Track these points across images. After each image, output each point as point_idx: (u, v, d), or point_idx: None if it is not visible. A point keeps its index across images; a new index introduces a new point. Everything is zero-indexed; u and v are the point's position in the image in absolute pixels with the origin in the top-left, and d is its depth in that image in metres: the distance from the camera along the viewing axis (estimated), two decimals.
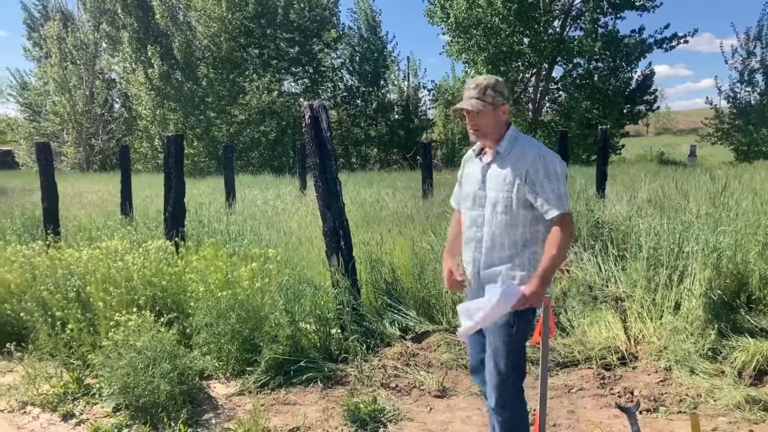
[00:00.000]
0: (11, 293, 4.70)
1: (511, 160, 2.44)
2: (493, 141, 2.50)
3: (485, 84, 2.46)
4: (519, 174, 2.41)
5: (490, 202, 2.48)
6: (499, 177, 2.46)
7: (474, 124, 2.48)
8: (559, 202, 2.39)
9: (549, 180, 2.38)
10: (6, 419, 3.70)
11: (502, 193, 2.44)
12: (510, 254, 2.49)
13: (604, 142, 9.41)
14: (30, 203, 10.32)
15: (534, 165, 2.39)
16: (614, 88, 25.62)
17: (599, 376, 3.98)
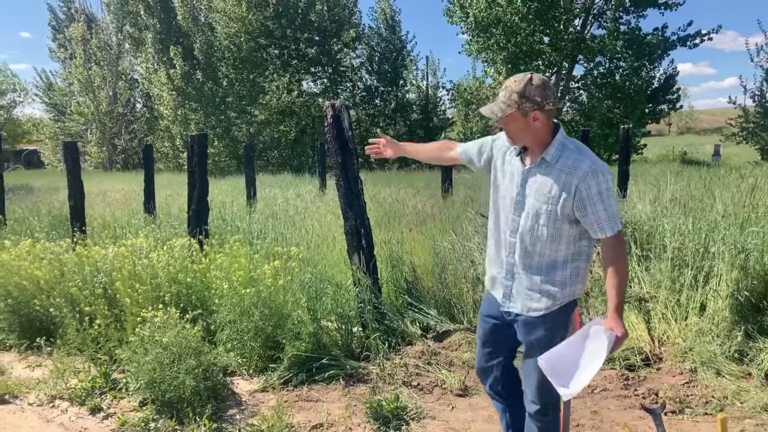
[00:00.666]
0: (40, 289, 4.80)
1: (559, 171, 2.23)
2: (537, 147, 2.29)
3: (511, 87, 2.24)
4: (567, 188, 2.20)
5: (530, 211, 2.30)
6: (544, 187, 2.26)
7: (505, 128, 2.32)
8: (613, 222, 2.22)
9: (601, 198, 2.19)
10: (35, 412, 3.78)
11: (546, 205, 2.25)
12: (549, 268, 2.33)
13: (626, 142, 9.32)
14: (56, 201, 10.52)
15: (586, 181, 2.18)
16: (636, 87, 25.28)
17: (623, 377, 3.95)
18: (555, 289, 2.34)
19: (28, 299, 4.81)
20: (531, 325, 2.42)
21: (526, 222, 2.32)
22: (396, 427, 3.39)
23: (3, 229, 7.37)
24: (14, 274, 4.90)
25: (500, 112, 2.25)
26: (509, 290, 2.44)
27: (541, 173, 2.28)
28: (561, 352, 2.29)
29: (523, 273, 2.38)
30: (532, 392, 2.49)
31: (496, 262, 2.51)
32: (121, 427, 3.47)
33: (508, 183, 2.40)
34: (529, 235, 2.32)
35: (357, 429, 3.42)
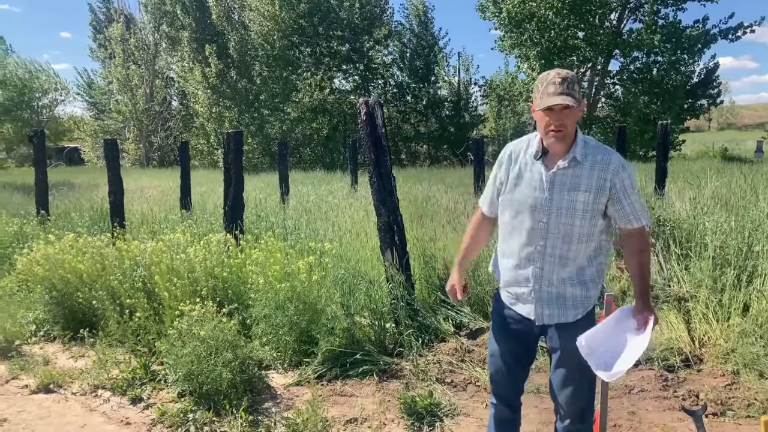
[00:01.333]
0: (83, 282, 4.94)
1: (590, 166, 2.24)
2: (568, 144, 2.26)
3: (572, 78, 2.19)
4: (603, 182, 2.23)
5: (563, 210, 2.26)
6: (577, 184, 2.24)
7: (561, 125, 2.20)
8: (645, 212, 2.30)
9: (634, 189, 2.26)
10: (79, 401, 3.90)
11: (582, 201, 2.23)
12: (580, 266, 2.31)
13: (664, 138, 9.10)
14: (96, 197, 10.81)
15: (619, 175, 2.23)
16: (674, 82, 24.66)
17: (661, 377, 3.87)
18: (586, 291, 2.33)
19: (72, 292, 4.96)
20: (566, 331, 2.34)
21: (558, 222, 2.27)
22: (430, 424, 3.39)
23: (47, 224, 7.62)
24: (58, 267, 5.06)
25: (574, 101, 2.16)
26: (540, 302, 2.36)
27: (572, 171, 2.26)
28: (599, 335, 2.27)
29: (554, 280, 2.32)
30: (569, 401, 2.41)
31: (518, 277, 2.40)
32: (161, 418, 3.56)
33: (531, 189, 2.31)
34: (561, 236, 2.27)
35: (391, 424, 3.43)
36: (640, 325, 2.29)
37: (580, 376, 2.37)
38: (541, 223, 2.28)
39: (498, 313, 2.53)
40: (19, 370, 4.36)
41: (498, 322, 2.53)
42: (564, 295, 2.33)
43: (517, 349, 2.52)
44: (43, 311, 5.13)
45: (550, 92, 2.18)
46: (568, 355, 2.36)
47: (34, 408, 3.80)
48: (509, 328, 2.48)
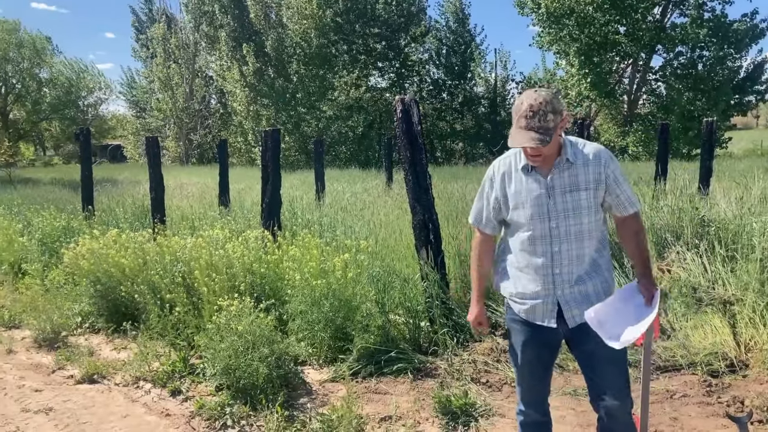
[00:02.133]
0: (125, 276, 5.09)
1: (583, 164, 2.30)
2: (555, 153, 2.30)
3: (544, 109, 2.14)
4: (599, 174, 2.31)
5: (568, 212, 2.30)
6: (576, 183, 2.30)
7: (536, 154, 2.24)
8: (636, 198, 2.41)
9: (624, 178, 2.37)
10: (122, 392, 4.02)
11: (584, 198, 2.30)
12: (592, 260, 2.35)
13: (709, 136, 8.82)
14: (138, 193, 11.11)
15: (609, 165, 2.32)
16: (721, 78, 23.87)
17: (705, 383, 3.75)
18: (603, 279, 2.39)
19: (115, 285, 5.11)
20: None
21: (569, 226, 2.31)
22: (464, 423, 3.37)
23: (92, 219, 7.86)
24: (102, 261, 5.22)
25: (548, 138, 2.16)
26: (567, 304, 2.34)
27: (568, 173, 2.31)
28: (607, 308, 2.32)
29: (573, 280, 2.34)
30: (616, 393, 2.37)
31: (537, 287, 2.37)
32: (199, 410, 3.63)
33: (531, 198, 2.32)
34: (574, 237, 2.32)
35: (425, 423, 3.43)
36: (647, 301, 2.36)
37: (621, 368, 2.40)
38: (553, 230, 2.32)
39: (518, 323, 2.48)
40: (65, 361, 4.52)
41: (520, 332, 2.48)
42: (586, 291, 2.35)
43: (546, 355, 2.50)
44: (88, 304, 5.30)
45: (521, 126, 2.18)
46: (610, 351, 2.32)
47: (79, 397, 3.93)
48: (534, 336, 2.44)
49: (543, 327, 2.39)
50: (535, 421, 2.60)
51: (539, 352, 2.48)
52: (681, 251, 5.18)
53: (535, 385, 2.55)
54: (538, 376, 2.53)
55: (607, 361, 2.36)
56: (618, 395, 2.38)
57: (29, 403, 3.86)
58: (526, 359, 2.49)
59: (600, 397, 2.42)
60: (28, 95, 35.51)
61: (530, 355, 2.48)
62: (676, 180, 7.81)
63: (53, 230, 7.24)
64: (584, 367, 2.46)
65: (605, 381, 2.39)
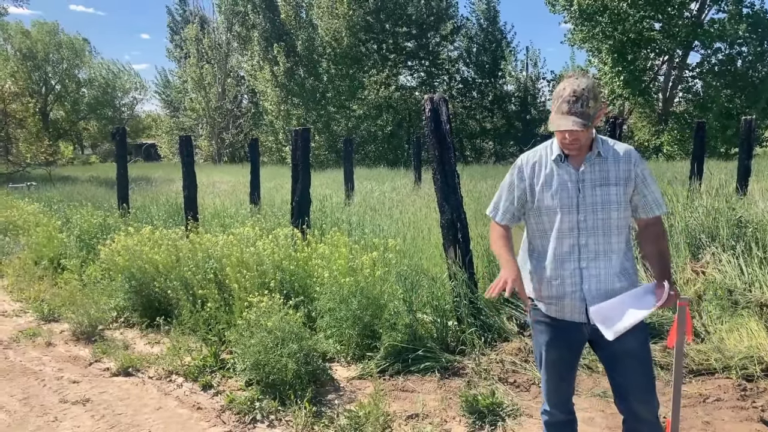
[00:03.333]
0: (159, 272, 5.21)
1: (614, 160, 2.30)
2: (587, 146, 2.30)
3: (586, 94, 2.17)
4: (627, 174, 2.30)
5: (597, 205, 2.28)
6: (607, 178, 2.29)
7: (574, 140, 2.23)
8: (663, 201, 2.38)
9: (653, 179, 2.36)
10: (155, 385, 4.12)
11: (614, 194, 2.28)
12: (620, 259, 2.32)
13: (748, 134, 8.58)
14: (171, 191, 11.34)
15: (639, 165, 2.31)
16: (761, 75, 23.17)
17: (739, 387, 3.67)
18: (630, 283, 2.34)
19: (149, 281, 5.24)
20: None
21: (596, 220, 2.29)
22: (491, 423, 3.37)
23: (128, 216, 8.06)
24: (137, 258, 5.35)
25: (589, 123, 2.17)
26: (592, 300, 2.30)
27: (599, 167, 2.30)
28: (613, 305, 2.28)
29: (602, 276, 2.32)
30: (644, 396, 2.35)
31: (559, 283, 2.35)
32: (230, 405, 3.70)
33: (560, 192, 2.31)
34: (602, 231, 2.30)
35: (452, 422, 3.43)
36: (659, 298, 2.27)
37: (648, 370, 2.35)
38: (581, 222, 2.31)
39: (542, 324, 2.46)
40: (102, 354, 4.65)
41: (544, 332, 2.46)
42: (613, 289, 2.31)
43: (569, 356, 2.48)
44: (124, 299, 5.44)
45: (564, 111, 2.18)
46: (631, 351, 2.33)
47: (114, 389, 4.05)
48: (558, 337, 2.42)
49: (569, 325, 2.37)
50: (559, 421, 2.59)
51: (562, 353, 2.46)
52: (716, 252, 5.07)
53: (560, 385, 2.53)
54: (563, 376, 2.51)
55: (631, 361, 2.34)
56: (642, 396, 2.35)
57: (67, 394, 3.99)
58: (550, 359, 2.47)
59: (624, 398, 2.39)
60: (68, 95, 36.56)
61: (554, 355, 2.47)
62: (712, 180, 7.63)
63: (90, 227, 7.44)
64: (608, 368, 2.44)
65: (629, 381, 2.36)
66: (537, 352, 2.55)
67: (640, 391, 2.35)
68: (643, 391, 2.35)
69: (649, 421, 2.39)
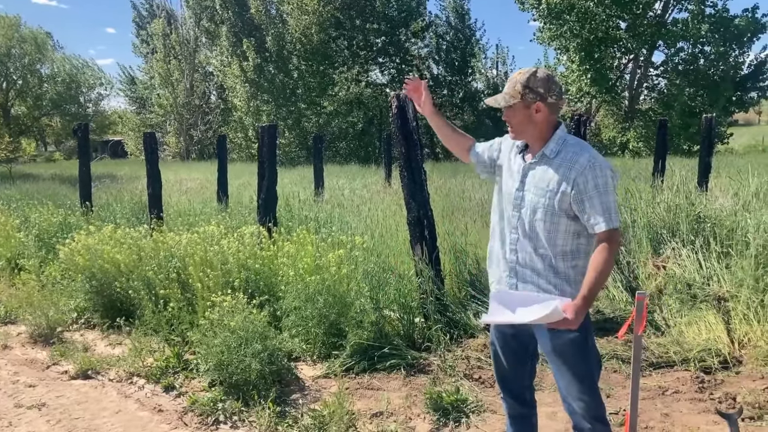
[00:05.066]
0: (120, 272, 5.09)
1: (558, 165, 2.22)
2: (536, 141, 2.30)
3: (516, 78, 2.25)
4: (565, 181, 2.18)
5: (528, 206, 2.28)
6: (542, 181, 2.24)
7: (507, 120, 2.31)
8: (609, 217, 2.15)
9: (598, 192, 2.15)
10: (115, 388, 4.03)
11: (543, 199, 2.23)
12: (552, 264, 2.26)
13: (709, 132, 8.81)
14: (137, 189, 11.10)
15: (584, 174, 2.15)
16: (722, 74, 23.79)
17: (697, 379, 3.75)
18: (560, 291, 2.25)
19: (110, 281, 5.11)
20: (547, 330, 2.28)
21: (526, 217, 2.29)
22: (456, 419, 3.38)
23: (90, 215, 7.86)
24: (98, 257, 5.22)
25: (504, 102, 2.27)
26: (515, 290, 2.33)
27: (541, 167, 2.28)
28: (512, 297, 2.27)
29: (527, 275, 2.31)
30: (580, 402, 2.33)
31: (500, 262, 2.41)
32: (192, 406, 3.64)
33: (510, 180, 2.38)
34: (529, 230, 2.29)
35: (417, 419, 3.43)
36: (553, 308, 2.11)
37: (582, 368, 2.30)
38: (515, 213, 2.33)
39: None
40: (60, 356, 4.52)
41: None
42: (538, 287, 2.29)
43: (515, 345, 2.49)
44: (84, 299, 5.30)
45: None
46: (560, 355, 2.31)
47: (72, 393, 3.94)
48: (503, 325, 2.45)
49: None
50: (517, 414, 2.62)
51: (511, 342, 2.49)
52: (677, 247, 5.18)
53: (507, 376, 2.56)
54: (510, 366, 2.53)
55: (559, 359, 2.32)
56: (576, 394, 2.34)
57: (23, 398, 3.87)
58: (498, 348, 2.52)
59: (562, 395, 2.41)
60: (30, 91, 35.48)
61: (501, 344, 2.51)
62: (674, 176, 7.79)
63: (50, 226, 7.24)
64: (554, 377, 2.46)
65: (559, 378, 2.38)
66: (491, 338, 2.60)
67: (573, 389, 2.33)
68: (574, 389, 2.33)
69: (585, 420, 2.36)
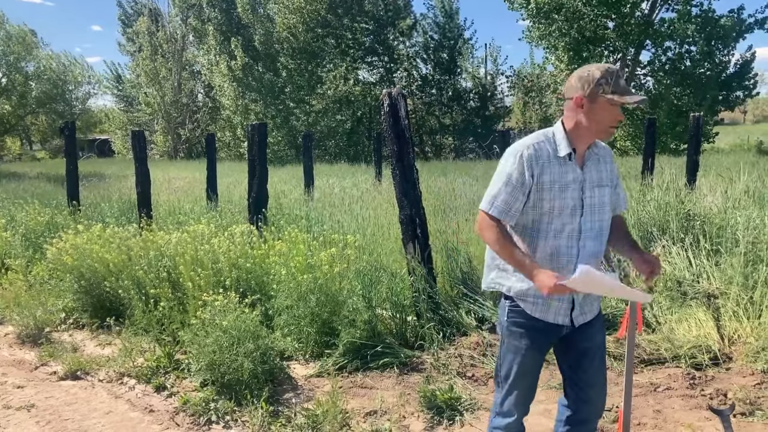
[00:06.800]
0: (110, 272, 5.03)
1: (604, 160, 2.30)
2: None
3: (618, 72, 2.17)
4: (613, 174, 2.33)
5: (595, 207, 2.24)
6: (600, 179, 2.26)
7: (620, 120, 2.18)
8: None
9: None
10: (105, 388, 3.98)
11: (607, 196, 2.28)
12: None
13: (696, 131, 8.87)
14: (125, 188, 11.00)
15: (614, 162, 2.37)
16: (708, 73, 24.00)
17: (689, 375, 3.78)
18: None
19: (99, 281, 5.06)
20: (593, 326, 2.36)
21: (594, 221, 2.24)
22: (449, 417, 3.37)
23: (77, 215, 7.77)
24: (87, 257, 5.16)
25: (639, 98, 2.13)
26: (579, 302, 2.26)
27: (595, 168, 2.27)
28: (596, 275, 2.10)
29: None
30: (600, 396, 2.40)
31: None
32: (184, 406, 3.60)
33: (567, 193, 2.19)
34: (597, 233, 2.25)
35: (410, 417, 3.42)
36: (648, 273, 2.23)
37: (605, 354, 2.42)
38: (583, 224, 2.21)
39: (522, 326, 2.30)
40: (48, 357, 4.47)
41: (524, 335, 2.30)
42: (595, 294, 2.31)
43: (542, 360, 2.43)
44: (72, 299, 5.24)
45: (623, 87, 2.11)
46: (598, 348, 2.37)
47: (61, 394, 3.89)
48: (538, 340, 2.32)
49: (549, 327, 2.28)
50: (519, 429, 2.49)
51: (539, 358, 2.38)
52: (667, 245, 5.21)
53: (529, 394, 2.44)
54: (534, 384, 2.43)
55: (599, 356, 2.37)
56: (603, 390, 2.40)
57: (11, 399, 3.82)
58: (527, 365, 2.34)
59: (585, 392, 2.39)
60: (15, 89, 35.04)
61: (532, 360, 2.35)
62: (663, 174, 7.85)
63: (37, 225, 7.15)
64: (572, 365, 2.39)
65: (594, 375, 2.37)
66: (506, 359, 2.37)
67: (600, 383, 2.38)
68: (602, 383, 2.39)
69: (600, 413, 2.43)
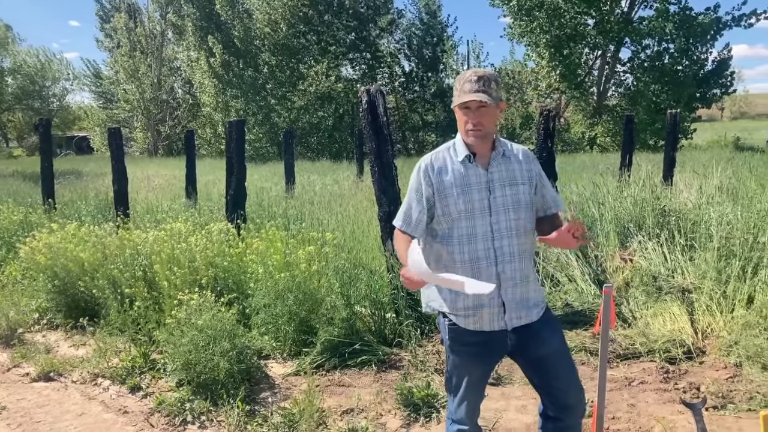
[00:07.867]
0: (84, 271, 4.95)
1: (515, 159, 2.30)
2: (489, 142, 2.27)
3: (489, 76, 2.19)
4: (529, 173, 2.31)
5: (509, 206, 2.24)
6: (513, 178, 2.26)
7: (478, 123, 2.19)
8: (561, 199, 2.42)
9: (546, 178, 2.41)
10: (78, 390, 3.92)
11: (522, 194, 2.26)
12: (529, 261, 2.30)
13: (673, 127, 8.98)
14: (102, 186, 10.85)
15: (535, 162, 2.37)
16: (686, 70, 24.33)
17: (662, 369, 3.82)
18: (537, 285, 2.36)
19: (74, 280, 4.98)
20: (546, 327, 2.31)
21: (509, 221, 2.25)
22: (426, 415, 3.38)
23: (53, 213, 7.65)
24: (61, 256, 5.07)
25: (488, 99, 2.16)
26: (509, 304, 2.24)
27: (505, 168, 2.29)
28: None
29: (517, 278, 2.26)
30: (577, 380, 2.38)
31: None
32: (159, 407, 3.56)
33: (471, 195, 2.23)
34: (514, 233, 2.25)
35: (387, 415, 3.42)
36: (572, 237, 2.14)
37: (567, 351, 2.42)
38: (494, 224, 2.23)
39: (460, 342, 2.30)
40: (21, 358, 4.39)
41: (465, 352, 2.31)
42: (527, 293, 2.28)
43: (489, 370, 2.46)
44: (46, 299, 5.16)
45: (466, 90, 2.18)
46: (558, 348, 2.35)
47: (33, 396, 3.83)
48: (481, 353, 2.30)
49: (490, 337, 2.27)
50: None
51: (485, 368, 2.40)
52: (643, 241, 5.27)
53: (478, 403, 2.44)
54: (481, 393, 2.44)
55: (561, 359, 2.34)
56: (578, 390, 2.38)
57: None
58: (473, 379, 2.35)
59: (562, 397, 2.36)
60: None
61: (478, 373, 2.37)
62: (641, 171, 7.94)
63: (10, 224, 7.02)
64: (537, 373, 2.36)
65: (563, 379, 2.34)
66: (454, 373, 2.36)
67: (575, 386, 2.36)
68: (576, 385, 2.37)
69: (581, 411, 2.42)
